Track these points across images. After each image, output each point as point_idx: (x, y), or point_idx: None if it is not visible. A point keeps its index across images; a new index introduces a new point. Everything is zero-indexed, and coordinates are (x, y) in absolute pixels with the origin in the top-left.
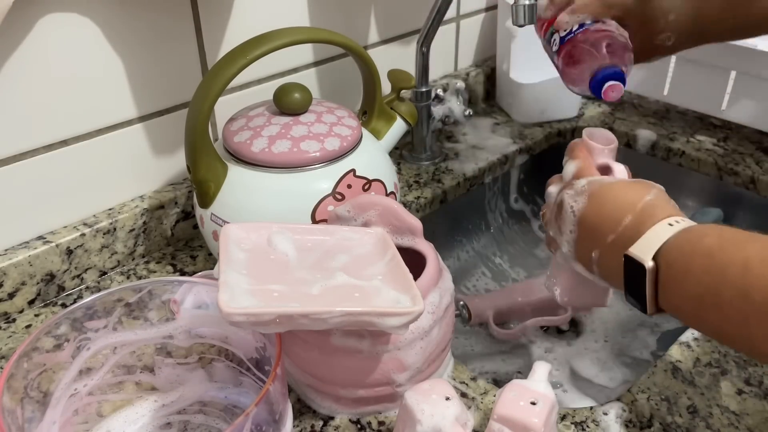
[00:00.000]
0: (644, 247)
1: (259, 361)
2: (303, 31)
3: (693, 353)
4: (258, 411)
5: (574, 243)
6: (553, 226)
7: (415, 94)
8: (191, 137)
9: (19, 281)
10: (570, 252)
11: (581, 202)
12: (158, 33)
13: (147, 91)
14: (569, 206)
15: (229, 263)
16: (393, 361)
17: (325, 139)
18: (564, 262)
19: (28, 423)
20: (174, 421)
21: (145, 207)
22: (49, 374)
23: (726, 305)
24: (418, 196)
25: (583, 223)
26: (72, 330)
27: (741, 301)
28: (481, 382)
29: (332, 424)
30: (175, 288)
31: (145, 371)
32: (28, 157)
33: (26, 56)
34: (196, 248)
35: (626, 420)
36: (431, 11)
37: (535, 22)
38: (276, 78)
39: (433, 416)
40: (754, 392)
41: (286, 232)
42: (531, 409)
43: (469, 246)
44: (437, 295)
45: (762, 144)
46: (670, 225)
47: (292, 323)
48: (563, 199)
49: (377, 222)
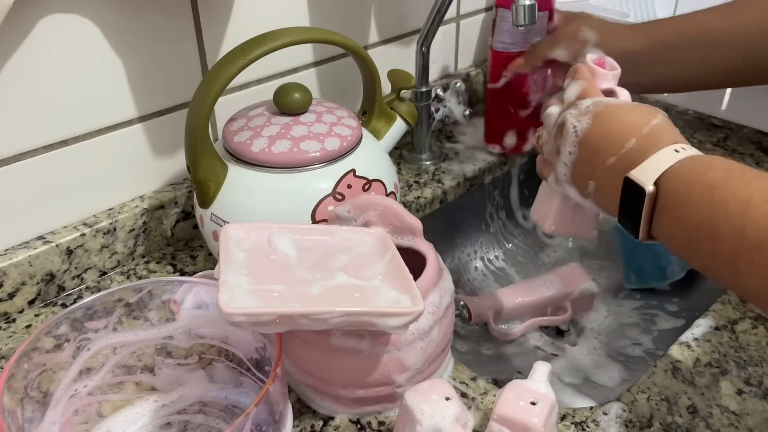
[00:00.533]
0: (647, 171)
1: (259, 361)
2: (303, 31)
3: (693, 353)
4: (258, 411)
5: (573, 164)
6: (550, 148)
7: (415, 94)
8: (191, 137)
9: (19, 281)
10: (566, 175)
11: (585, 122)
12: (158, 33)
13: (147, 91)
14: (572, 126)
15: (229, 263)
16: (393, 361)
17: (325, 139)
18: (557, 186)
19: (28, 423)
20: (174, 421)
21: (145, 207)
22: (49, 374)
23: (720, 239)
24: (418, 196)
25: (585, 144)
26: (72, 330)
27: (736, 236)
28: (481, 382)
29: (332, 424)
30: (175, 288)
31: (145, 371)
32: (28, 157)
33: (26, 56)
34: (196, 248)
35: (626, 420)
36: (431, 11)
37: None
38: (276, 78)
39: (433, 416)
40: (754, 392)
41: (287, 232)
42: (531, 409)
43: (468, 246)
44: (437, 295)
45: (762, 144)
46: (676, 151)
47: (292, 323)
48: (566, 119)
49: (377, 222)
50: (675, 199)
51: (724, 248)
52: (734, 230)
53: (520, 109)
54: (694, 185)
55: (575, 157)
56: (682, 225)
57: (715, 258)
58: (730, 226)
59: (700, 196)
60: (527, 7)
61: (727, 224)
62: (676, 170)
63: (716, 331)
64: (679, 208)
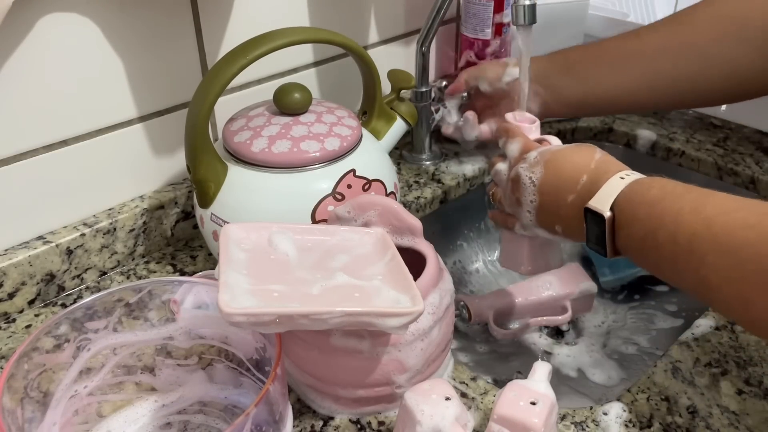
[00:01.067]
0: (602, 199)
1: (259, 361)
2: (303, 31)
3: (693, 353)
4: (258, 411)
5: (536, 210)
6: (509, 201)
7: (415, 94)
8: (191, 137)
9: (19, 281)
10: (532, 220)
11: (538, 171)
12: (158, 33)
13: (147, 91)
14: (527, 178)
15: (229, 263)
16: (393, 361)
17: (325, 139)
18: (525, 232)
19: (29, 423)
20: (174, 421)
21: (145, 207)
22: (48, 374)
23: (661, 246)
24: (418, 196)
25: (544, 190)
26: (72, 330)
27: (671, 243)
28: (481, 382)
29: (332, 424)
30: (175, 288)
31: (146, 372)
32: (28, 157)
33: (26, 56)
34: (196, 248)
35: (626, 420)
36: (431, 11)
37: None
38: (276, 78)
39: (433, 417)
40: (754, 392)
41: (287, 232)
42: (531, 409)
43: (468, 246)
44: (437, 295)
45: (762, 144)
46: (622, 178)
47: (292, 323)
48: (519, 173)
49: (377, 222)
50: (625, 218)
51: (663, 254)
52: (669, 238)
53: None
54: (639, 204)
55: (537, 203)
56: (633, 239)
57: (660, 262)
58: (667, 235)
59: (643, 213)
60: (527, 7)
61: (664, 233)
62: (624, 194)
63: (716, 331)
64: (629, 225)
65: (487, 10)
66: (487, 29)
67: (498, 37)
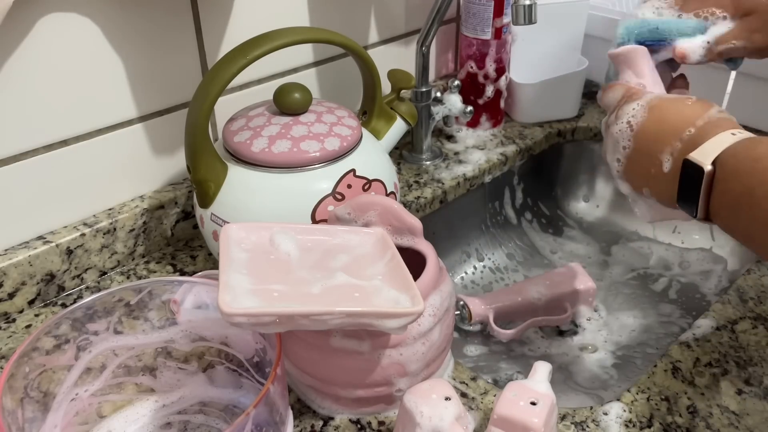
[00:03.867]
0: (706, 152)
1: (259, 363)
2: (303, 31)
3: (693, 353)
4: (258, 411)
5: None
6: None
7: (415, 94)
8: (191, 137)
9: (19, 281)
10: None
11: (640, 115)
12: (158, 33)
13: (147, 91)
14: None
15: (229, 263)
16: (393, 362)
17: (325, 139)
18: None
19: (29, 423)
20: (174, 421)
21: (145, 207)
22: (49, 374)
23: (756, 205)
24: (418, 196)
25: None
26: (72, 330)
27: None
28: (481, 382)
29: (332, 424)
30: (175, 288)
31: (146, 374)
32: (28, 157)
33: (26, 56)
34: (196, 248)
35: (626, 420)
36: (431, 11)
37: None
38: (276, 78)
39: (432, 418)
40: (754, 392)
41: (289, 231)
42: (531, 409)
43: (469, 246)
44: (438, 296)
45: None
46: (733, 134)
47: (292, 324)
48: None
49: (377, 222)
50: (724, 173)
51: (757, 214)
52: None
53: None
54: (743, 159)
55: (629, 151)
56: (728, 195)
57: (752, 224)
58: (765, 192)
59: (744, 168)
60: (527, 7)
61: (763, 191)
62: (729, 149)
63: (716, 331)
64: (726, 180)
65: (487, 10)
66: (487, 29)
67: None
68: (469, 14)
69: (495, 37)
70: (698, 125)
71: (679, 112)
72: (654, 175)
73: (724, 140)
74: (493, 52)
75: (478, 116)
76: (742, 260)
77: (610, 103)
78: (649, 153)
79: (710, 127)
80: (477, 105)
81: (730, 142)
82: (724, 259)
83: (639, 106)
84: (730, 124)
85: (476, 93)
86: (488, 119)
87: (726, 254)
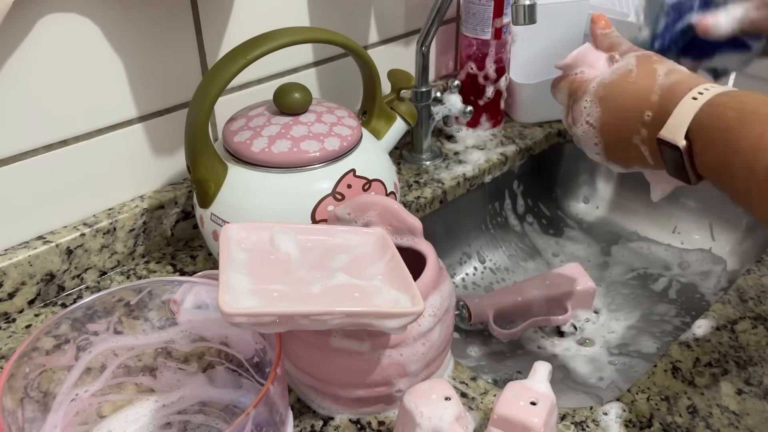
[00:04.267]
0: (674, 127)
1: (259, 363)
2: (303, 31)
3: (693, 353)
4: (258, 411)
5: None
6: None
7: (415, 94)
8: (191, 137)
9: (19, 281)
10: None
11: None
12: (158, 33)
13: (147, 91)
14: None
15: (229, 263)
16: (393, 362)
17: (325, 139)
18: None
19: (29, 423)
20: (174, 421)
21: (145, 207)
22: (49, 374)
23: (735, 177)
24: (418, 196)
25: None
26: (72, 330)
27: (747, 173)
28: (481, 382)
29: (332, 424)
30: (175, 288)
31: (146, 374)
32: (28, 157)
33: (26, 56)
34: (196, 248)
35: (626, 420)
36: (431, 11)
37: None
38: (276, 78)
39: (432, 419)
40: (754, 392)
41: (289, 231)
42: (531, 409)
43: (468, 246)
44: (438, 297)
45: None
46: (694, 98)
47: (292, 324)
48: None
49: (377, 222)
50: (699, 146)
51: (738, 185)
52: (745, 166)
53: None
54: (713, 129)
55: (602, 145)
56: (708, 167)
57: (734, 193)
58: (742, 163)
59: (718, 139)
60: (527, 7)
61: (740, 162)
62: (697, 121)
63: (716, 331)
64: (703, 153)
65: (487, 10)
66: (487, 29)
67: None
68: (469, 14)
69: (495, 37)
70: (653, 101)
71: (629, 95)
72: (637, 157)
73: (688, 110)
74: (493, 52)
75: (478, 116)
76: (742, 260)
77: (562, 102)
78: (622, 143)
79: (666, 100)
80: (477, 105)
81: (695, 110)
82: (723, 259)
83: (589, 103)
84: (683, 86)
85: (476, 94)
86: (488, 119)
87: (725, 254)
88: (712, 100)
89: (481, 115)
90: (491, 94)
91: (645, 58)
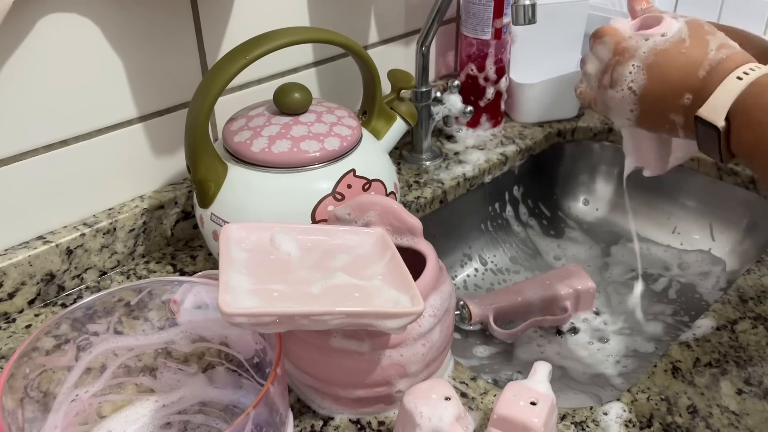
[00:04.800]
0: (714, 107)
1: (258, 364)
2: (303, 31)
3: (693, 353)
4: (258, 411)
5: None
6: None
7: (415, 94)
8: (191, 137)
9: (19, 281)
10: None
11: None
12: (158, 33)
13: (147, 91)
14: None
15: (229, 263)
16: (393, 362)
17: (325, 139)
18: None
19: (29, 423)
20: (174, 421)
21: (145, 207)
22: (49, 374)
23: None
24: (418, 196)
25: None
26: (72, 330)
27: None
28: (481, 382)
29: (332, 424)
30: (175, 288)
31: (146, 375)
32: (28, 157)
33: (26, 56)
34: (196, 248)
35: (626, 420)
36: (431, 11)
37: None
38: (276, 78)
39: (431, 419)
40: (754, 392)
41: (289, 231)
42: (531, 409)
43: (468, 246)
44: (438, 297)
45: None
46: (739, 78)
47: (292, 324)
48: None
49: (377, 222)
50: (737, 125)
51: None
52: None
53: None
54: (753, 108)
55: (638, 113)
56: (744, 146)
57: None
58: None
59: (756, 119)
60: (527, 7)
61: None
62: (740, 98)
63: (716, 331)
64: (739, 132)
65: (487, 10)
66: (487, 29)
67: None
68: (469, 14)
69: (495, 37)
70: (701, 76)
71: (679, 68)
72: (669, 128)
73: (732, 89)
74: (493, 52)
75: (478, 116)
76: (742, 260)
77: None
78: (659, 113)
79: (712, 76)
80: (477, 106)
81: (738, 91)
82: (722, 260)
83: (636, 68)
84: (730, 64)
85: (477, 95)
86: (488, 119)
87: (725, 255)
88: (757, 81)
89: (481, 115)
90: (491, 96)
91: (696, 26)
